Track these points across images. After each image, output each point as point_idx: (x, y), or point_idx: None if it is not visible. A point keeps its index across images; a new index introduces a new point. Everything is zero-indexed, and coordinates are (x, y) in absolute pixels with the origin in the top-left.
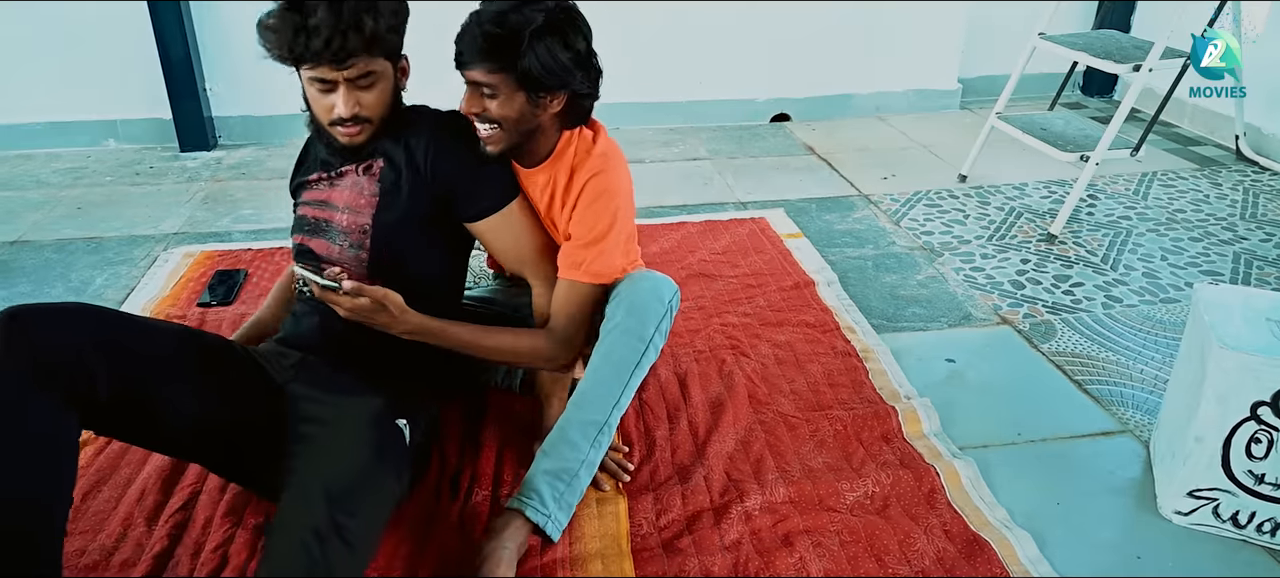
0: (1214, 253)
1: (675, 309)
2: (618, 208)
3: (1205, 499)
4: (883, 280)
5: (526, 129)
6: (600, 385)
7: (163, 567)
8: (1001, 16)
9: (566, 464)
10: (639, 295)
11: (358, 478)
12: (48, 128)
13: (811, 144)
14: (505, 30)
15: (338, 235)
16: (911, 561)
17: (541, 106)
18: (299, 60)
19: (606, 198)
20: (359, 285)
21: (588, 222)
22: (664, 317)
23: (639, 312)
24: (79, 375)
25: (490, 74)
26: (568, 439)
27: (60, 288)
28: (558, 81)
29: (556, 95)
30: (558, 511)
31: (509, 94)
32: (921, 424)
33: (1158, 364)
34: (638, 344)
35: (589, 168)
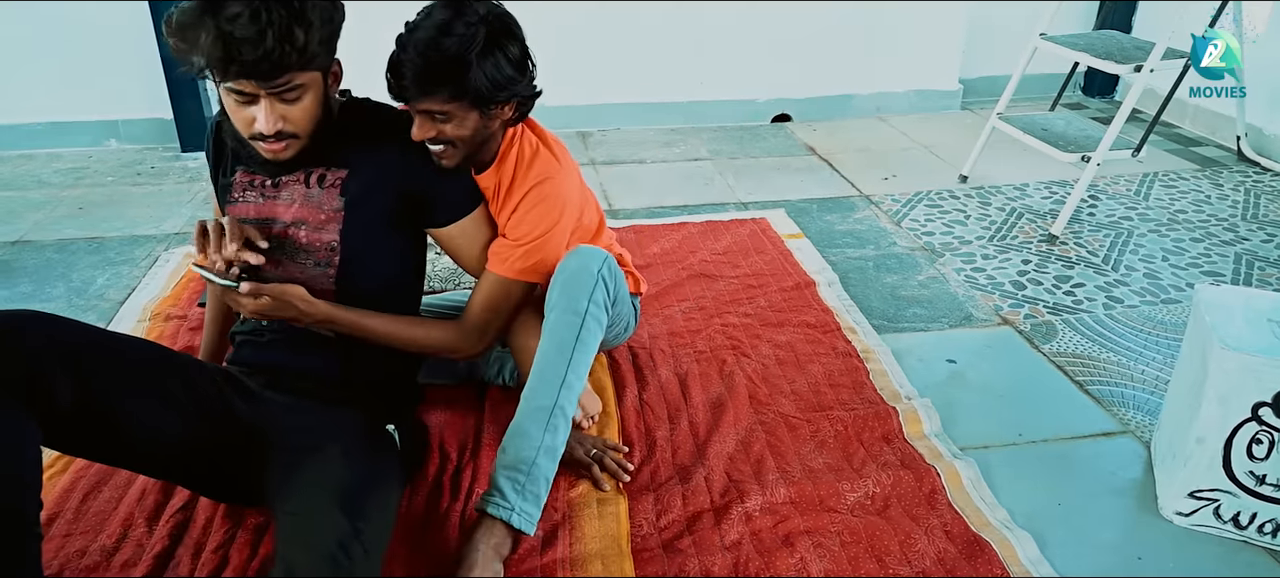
0: (1215, 253)
1: (610, 276)
2: (562, 213)
3: (1206, 500)
4: (883, 281)
5: (481, 141)
6: (546, 369)
7: (163, 567)
8: (1002, 17)
9: (522, 454)
10: (568, 272)
11: (364, 484)
12: (49, 128)
13: (812, 144)
14: (447, 57)
15: (298, 253)
16: (912, 561)
17: (493, 117)
18: (222, 75)
19: (548, 204)
20: (256, 286)
21: (529, 223)
22: (595, 287)
23: (570, 288)
24: (38, 383)
25: (443, 102)
26: (521, 431)
27: (61, 288)
28: (506, 94)
29: (506, 105)
30: (522, 501)
31: (462, 115)
32: (922, 425)
33: (1159, 365)
34: (573, 320)
35: (536, 173)
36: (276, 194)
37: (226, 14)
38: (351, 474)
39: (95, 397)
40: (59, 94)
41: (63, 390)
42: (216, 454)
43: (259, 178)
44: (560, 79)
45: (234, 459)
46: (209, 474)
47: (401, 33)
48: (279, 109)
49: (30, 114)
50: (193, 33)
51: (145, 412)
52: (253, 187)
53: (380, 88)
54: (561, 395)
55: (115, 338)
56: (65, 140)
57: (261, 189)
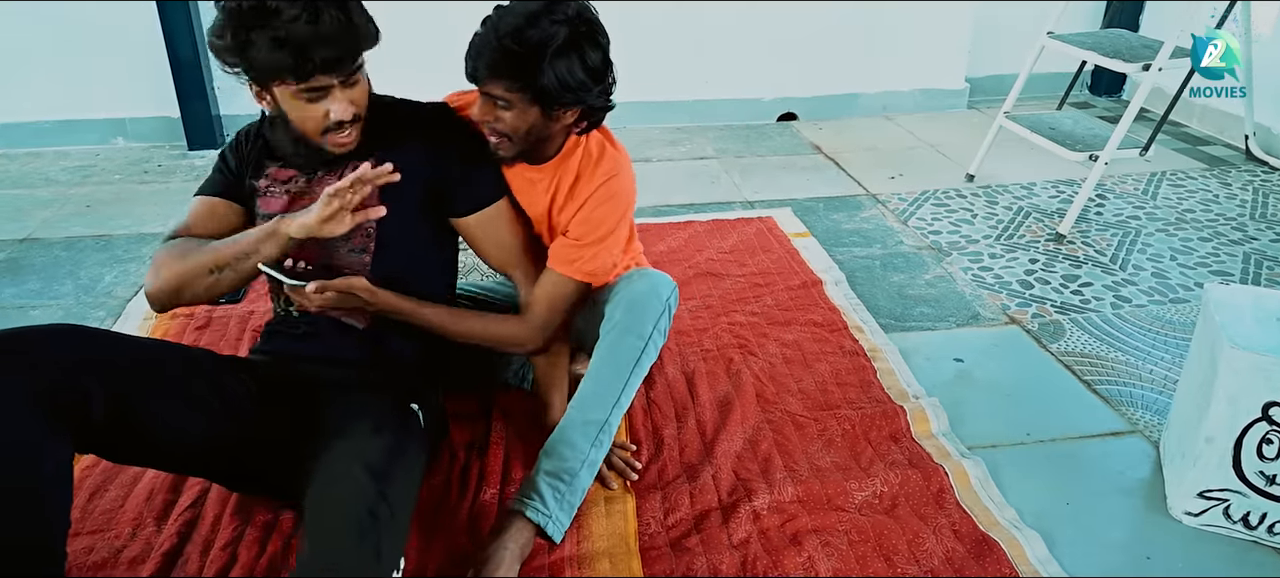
0: (1224, 253)
1: (674, 307)
2: (624, 214)
3: (1216, 500)
4: (890, 280)
5: (538, 138)
6: (600, 385)
7: (172, 565)
8: (1008, 16)
9: (567, 464)
10: (637, 294)
11: (391, 452)
12: (57, 126)
13: (818, 143)
14: (524, 48)
15: (336, 242)
16: (920, 560)
17: (555, 119)
18: (298, 78)
19: (615, 201)
20: (322, 283)
21: (594, 221)
22: (662, 314)
23: (637, 310)
24: (71, 397)
25: (508, 91)
26: (568, 440)
27: (69, 285)
28: (573, 98)
29: (571, 109)
30: (559, 510)
31: (523, 109)
32: (930, 424)
33: (1167, 364)
34: (636, 342)
35: (604, 171)
36: (308, 189)
37: (285, 17)
38: (378, 444)
39: (126, 407)
40: (66, 92)
41: (95, 403)
42: (244, 449)
43: (293, 174)
44: None
45: (262, 452)
46: (237, 469)
47: (490, 13)
48: (348, 94)
49: (38, 112)
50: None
51: (174, 416)
52: (283, 182)
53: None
54: (613, 414)
55: (142, 345)
56: (73, 139)
57: (293, 183)
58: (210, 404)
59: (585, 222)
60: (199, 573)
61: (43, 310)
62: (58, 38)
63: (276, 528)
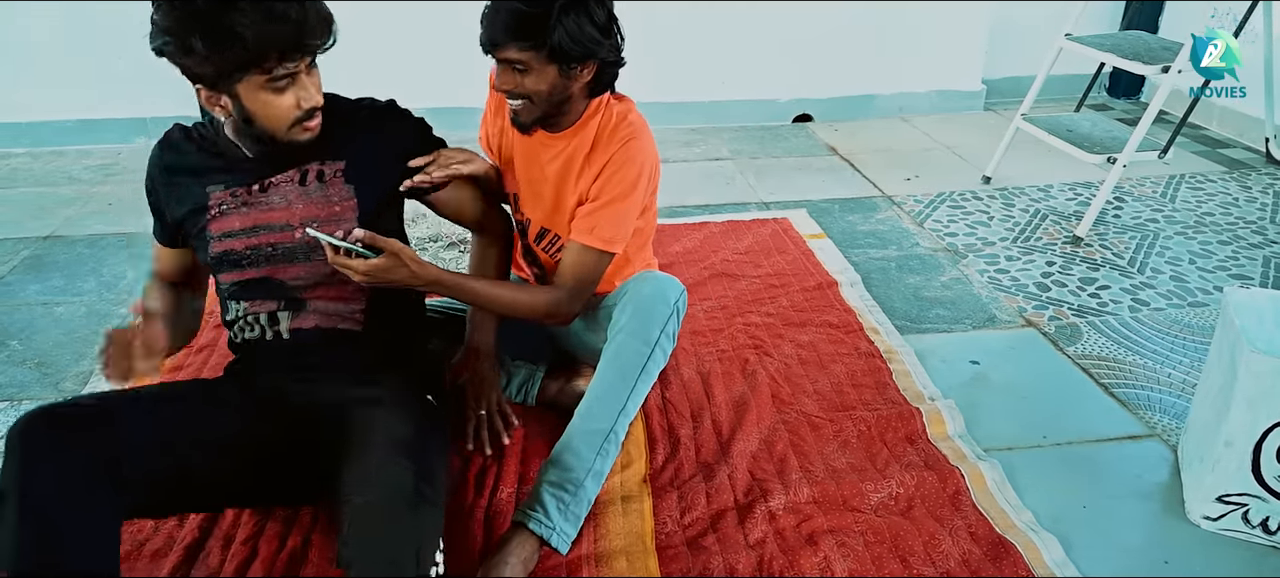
0: (1243, 256)
1: (682, 311)
2: (640, 175)
3: (1234, 505)
4: (906, 282)
5: (558, 100)
6: (606, 391)
7: (194, 558)
8: (1025, 17)
9: (571, 475)
10: (644, 298)
11: (422, 431)
12: (79, 125)
13: (834, 145)
14: (533, 7)
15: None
16: (936, 562)
17: (572, 77)
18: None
19: (633, 164)
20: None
21: (613, 182)
22: (670, 318)
23: (644, 314)
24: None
25: (522, 52)
26: (573, 449)
27: (92, 282)
28: (587, 52)
29: (586, 65)
30: (563, 522)
31: (541, 69)
32: (946, 426)
33: (1186, 368)
34: (643, 348)
35: (622, 134)
36: (265, 198)
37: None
38: (409, 427)
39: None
40: (89, 92)
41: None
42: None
43: (240, 190)
44: None
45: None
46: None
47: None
48: (313, 80)
49: (61, 111)
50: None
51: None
52: (235, 199)
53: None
54: (618, 422)
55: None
56: (95, 137)
57: (245, 199)
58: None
59: (605, 182)
60: (220, 567)
61: (66, 307)
62: (80, 37)
63: (296, 523)
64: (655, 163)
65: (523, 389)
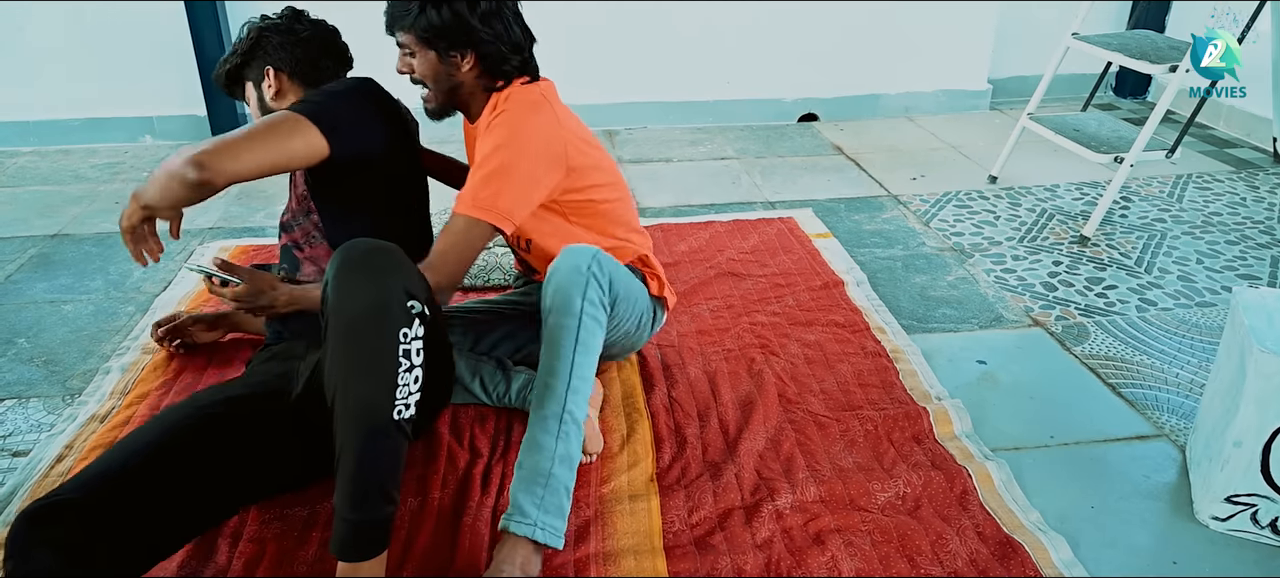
0: (1251, 256)
1: (600, 270)
2: (511, 141)
3: (1243, 505)
4: (912, 281)
5: (448, 87)
6: (549, 377)
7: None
8: (1031, 16)
9: (538, 466)
10: (558, 273)
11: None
12: (86, 124)
13: (840, 144)
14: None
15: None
16: (944, 562)
17: (453, 65)
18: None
19: (505, 129)
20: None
21: (486, 152)
22: (587, 284)
23: (562, 288)
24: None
25: (404, 35)
26: (534, 442)
27: (100, 280)
28: (459, 38)
29: (464, 53)
30: (543, 515)
31: (422, 54)
32: (953, 425)
33: (1194, 368)
34: (569, 321)
35: (501, 109)
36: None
37: None
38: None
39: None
40: (96, 91)
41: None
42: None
43: None
44: (587, 78)
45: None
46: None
47: None
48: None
49: (68, 110)
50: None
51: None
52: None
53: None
54: (568, 400)
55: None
56: (102, 136)
57: None
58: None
59: (480, 153)
60: (227, 564)
61: (73, 305)
62: (87, 37)
63: (306, 522)
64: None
65: (521, 394)
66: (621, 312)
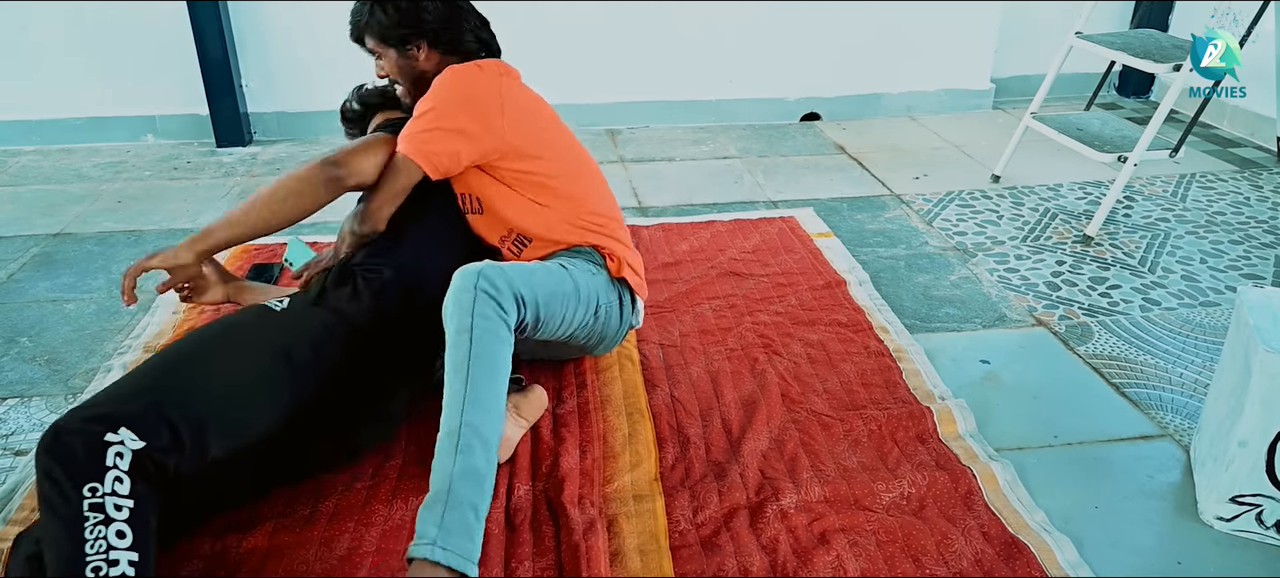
0: (1255, 255)
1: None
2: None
3: (1248, 505)
4: (915, 281)
5: (414, 77)
6: (448, 392)
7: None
8: (1034, 16)
9: (437, 486)
10: (452, 292)
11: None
12: (88, 123)
13: (842, 143)
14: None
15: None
16: (949, 562)
17: (413, 57)
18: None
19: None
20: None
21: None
22: (475, 300)
23: (454, 305)
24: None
25: (370, 42)
26: (436, 465)
27: (102, 279)
28: (408, 31)
29: (418, 43)
30: (444, 534)
31: (386, 53)
32: (957, 425)
33: (1198, 368)
34: (462, 337)
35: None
36: None
37: None
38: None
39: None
40: (98, 90)
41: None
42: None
43: None
44: (589, 77)
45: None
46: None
47: None
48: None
49: (70, 109)
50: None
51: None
52: None
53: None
54: (467, 413)
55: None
56: (104, 135)
57: None
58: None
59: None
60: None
61: (76, 304)
62: (89, 36)
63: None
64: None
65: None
66: (559, 308)
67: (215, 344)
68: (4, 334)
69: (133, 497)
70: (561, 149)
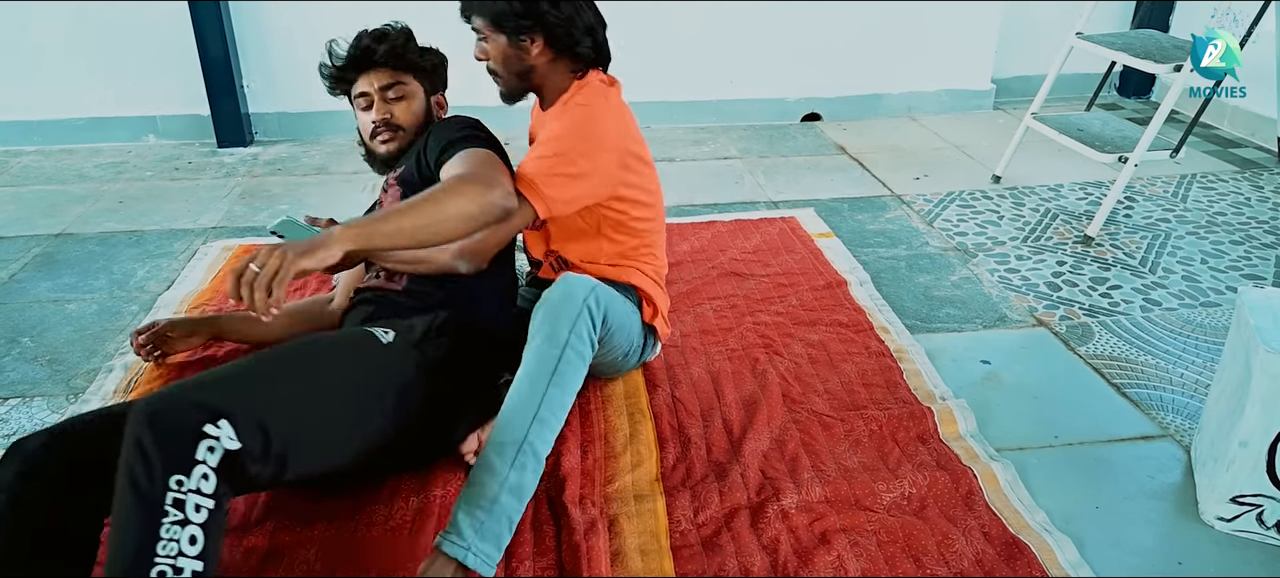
0: (1256, 256)
1: (597, 306)
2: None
3: (1249, 505)
4: (916, 281)
5: (519, 71)
6: (520, 401)
7: None
8: (1035, 16)
9: (485, 491)
10: (553, 300)
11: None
12: (90, 123)
13: (843, 144)
14: None
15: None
16: (950, 562)
17: (523, 49)
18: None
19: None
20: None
21: (551, 134)
22: (579, 317)
23: (552, 316)
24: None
25: (477, 20)
26: (487, 464)
27: (103, 279)
28: (526, 21)
29: (533, 36)
30: (479, 541)
31: (494, 38)
32: (958, 425)
33: (1198, 368)
34: (552, 351)
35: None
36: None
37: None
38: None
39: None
40: (100, 90)
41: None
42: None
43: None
44: None
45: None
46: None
47: None
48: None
49: (72, 109)
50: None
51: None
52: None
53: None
54: (532, 431)
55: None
56: (105, 135)
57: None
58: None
59: (544, 136)
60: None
61: (78, 304)
62: (90, 36)
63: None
64: (615, 131)
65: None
66: (612, 342)
67: (322, 365)
68: (6, 334)
69: (213, 498)
70: (654, 192)
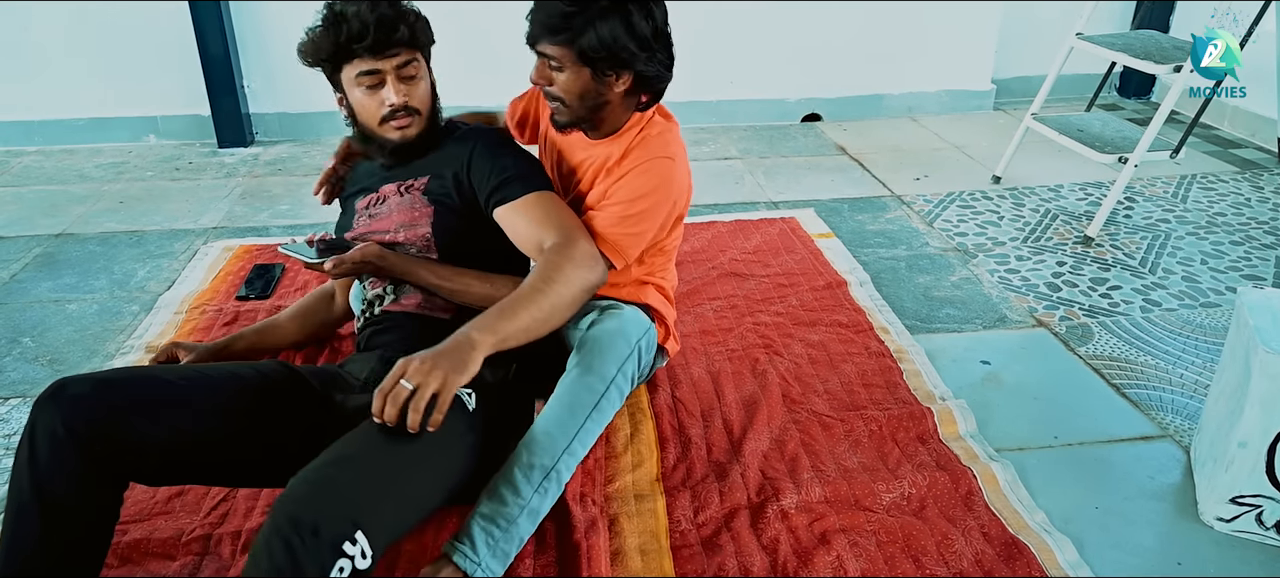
0: (1256, 256)
1: (648, 349)
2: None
3: (1248, 506)
4: (916, 281)
5: (595, 105)
6: (553, 427)
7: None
8: (1035, 17)
9: (505, 510)
10: (605, 333)
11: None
12: (90, 123)
13: (843, 144)
14: (573, 6)
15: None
16: (949, 562)
17: (606, 84)
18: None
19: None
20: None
21: (626, 190)
22: (629, 357)
23: (603, 350)
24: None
25: (556, 48)
26: (510, 482)
27: (104, 279)
28: (621, 62)
29: (621, 74)
30: (490, 558)
31: (574, 69)
32: (957, 426)
33: (1198, 369)
34: (597, 385)
35: (657, 148)
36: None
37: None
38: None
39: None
40: (100, 90)
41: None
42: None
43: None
44: None
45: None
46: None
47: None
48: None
49: (72, 110)
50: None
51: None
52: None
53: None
54: (562, 461)
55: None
56: (106, 136)
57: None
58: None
59: (621, 187)
60: (231, 561)
61: (78, 304)
62: (91, 37)
63: None
64: (683, 189)
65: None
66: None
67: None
68: (7, 334)
69: None
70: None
